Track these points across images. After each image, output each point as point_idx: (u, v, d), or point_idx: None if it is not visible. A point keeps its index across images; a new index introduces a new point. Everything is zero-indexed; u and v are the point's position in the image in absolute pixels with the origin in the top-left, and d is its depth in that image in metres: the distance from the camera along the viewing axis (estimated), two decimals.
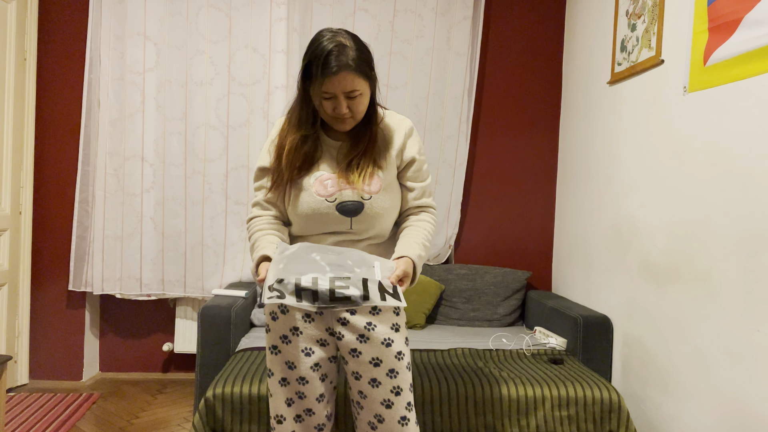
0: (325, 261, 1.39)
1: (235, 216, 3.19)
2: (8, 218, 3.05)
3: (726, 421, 1.84)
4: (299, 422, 1.62)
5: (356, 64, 1.47)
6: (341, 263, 1.39)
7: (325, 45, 1.46)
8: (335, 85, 1.47)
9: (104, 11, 3.10)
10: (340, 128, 1.57)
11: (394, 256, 1.58)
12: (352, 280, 1.38)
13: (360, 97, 1.51)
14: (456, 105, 3.26)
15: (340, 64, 1.45)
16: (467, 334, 2.86)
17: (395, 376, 1.56)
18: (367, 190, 1.55)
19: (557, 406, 2.12)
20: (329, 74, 1.45)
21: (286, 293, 1.39)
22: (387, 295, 1.40)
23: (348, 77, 1.46)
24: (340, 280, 1.37)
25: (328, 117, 1.55)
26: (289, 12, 3.13)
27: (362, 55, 1.50)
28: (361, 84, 1.50)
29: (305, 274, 1.38)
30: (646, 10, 2.40)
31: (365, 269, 1.39)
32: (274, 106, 3.13)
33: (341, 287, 1.38)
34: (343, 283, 1.38)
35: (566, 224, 3.24)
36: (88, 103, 3.12)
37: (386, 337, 1.57)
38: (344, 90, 1.48)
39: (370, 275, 1.39)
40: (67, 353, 3.24)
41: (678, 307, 2.11)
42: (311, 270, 1.38)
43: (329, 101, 1.51)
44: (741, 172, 1.80)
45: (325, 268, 1.38)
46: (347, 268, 1.38)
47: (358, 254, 1.43)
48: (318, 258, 1.39)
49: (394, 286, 1.43)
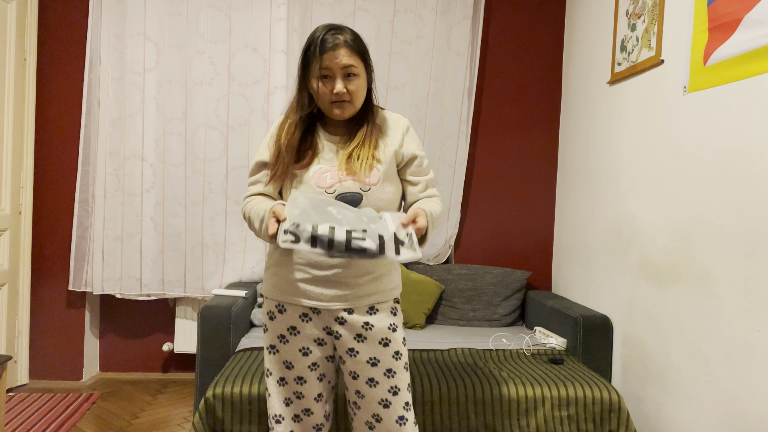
0: (341, 215, 1.37)
1: (235, 216, 3.19)
2: (8, 218, 3.05)
3: (726, 421, 1.84)
4: (297, 422, 1.62)
5: (353, 43, 1.52)
6: (357, 218, 1.37)
7: (322, 29, 1.53)
8: (332, 60, 1.49)
9: (104, 11, 3.10)
10: (339, 115, 1.56)
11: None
12: (369, 233, 1.36)
13: (357, 79, 1.53)
14: (456, 105, 3.26)
15: (337, 41, 1.50)
16: (467, 334, 2.86)
17: (393, 375, 1.56)
18: (367, 182, 1.54)
19: (557, 406, 2.12)
20: (327, 50, 1.49)
21: (302, 239, 1.35)
22: (401, 248, 1.37)
23: (345, 53, 1.50)
24: (357, 232, 1.35)
25: (326, 104, 1.55)
26: (289, 12, 3.13)
27: (358, 39, 1.55)
28: (358, 63, 1.53)
29: (322, 224, 1.36)
30: (646, 10, 2.40)
31: (380, 225, 1.38)
32: (274, 106, 3.13)
33: (357, 238, 1.35)
34: (360, 235, 1.35)
35: (566, 224, 3.24)
36: (88, 103, 3.12)
37: (384, 337, 1.57)
38: (341, 65, 1.50)
39: (385, 231, 1.37)
40: (67, 353, 3.24)
41: (678, 307, 2.11)
42: (328, 221, 1.36)
43: (328, 82, 1.52)
44: (741, 172, 1.80)
45: (342, 221, 1.36)
46: (363, 223, 1.37)
47: (372, 211, 1.41)
48: (334, 212, 1.37)
49: (409, 235, 1.39)
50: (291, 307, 1.58)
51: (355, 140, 1.58)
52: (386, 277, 1.61)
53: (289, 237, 1.36)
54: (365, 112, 1.62)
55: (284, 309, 1.59)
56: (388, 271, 1.62)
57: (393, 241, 1.37)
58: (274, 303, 1.61)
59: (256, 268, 3.20)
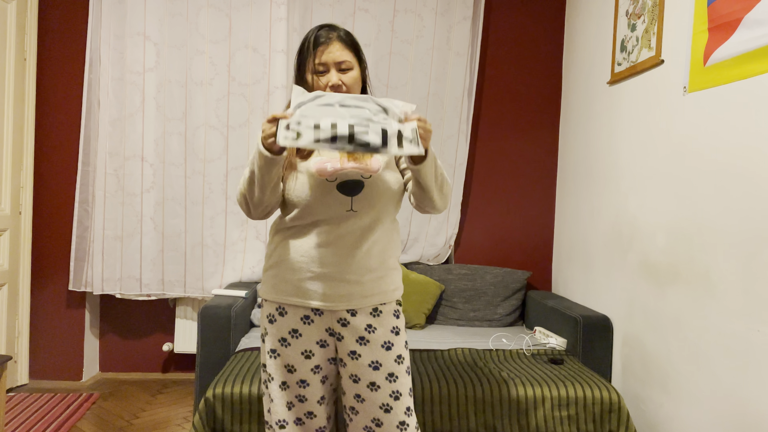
0: (344, 109, 1.35)
1: (235, 216, 3.19)
2: (8, 218, 3.05)
3: (726, 420, 1.84)
4: (300, 425, 1.60)
5: (346, 38, 1.57)
6: (360, 113, 1.35)
7: (316, 27, 1.59)
8: (326, 54, 1.53)
9: (104, 11, 3.10)
10: None
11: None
12: (372, 128, 1.34)
13: (350, 72, 1.56)
14: (456, 105, 3.26)
15: (331, 36, 1.55)
16: (467, 334, 2.86)
17: (395, 380, 1.55)
18: (368, 169, 1.54)
19: (557, 406, 2.12)
20: (321, 44, 1.54)
21: (303, 134, 1.32)
22: (405, 142, 1.35)
23: (338, 47, 1.54)
24: (360, 126, 1.33)
25: None
26: (289, 12, 3.13)
27: (351, 36, 1.60)
28: (351, 57, 1.57)
29: (324, 119, 1.33)
30: (646, 10, 2.40)
31: (383, 118, 1.36)
32: (274, 106, 3.13)
33: (361, 132, 1.32)
34: (363, 129, 1.33)
35: (566, 224, 3.24)
36: (88, 103, 3.12)
37: (386, 340, 1.56)
38: (335, 60, 1.53)
39: (389, 126, 1.35)
40: (67, 353, 3.24)
41: (678, 307, 2.11)
42: (330, 116, 1.34)
43: (322, 77, 1.54)
44: (741, 172, 1.80)
45: (345, 114, 1.34)
46: (366, 116, 1.35)
47: (376, 107, 1.37)
48: (337, 106, 1.35)
49: (413, 130, 1.37)
50: (292, 309, 1.57)
51: None
52: (389, 277, 1.60)
53: (291, 134, 1.33)
54: None
55: (285, 312, 1.57)
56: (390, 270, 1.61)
57: (396, 136, 1.35)
58: (274, 306, 1.59)
59: (256, 268, 3.20)
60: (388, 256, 1.61)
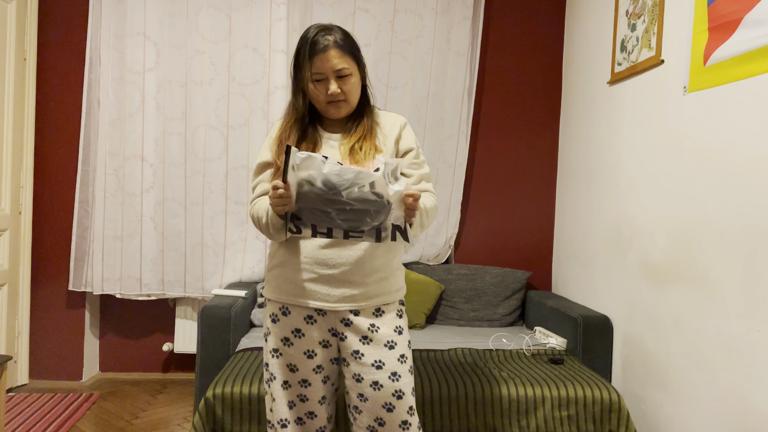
0: (341, 218, 1.38)
1: (235, 216, 3.19)
2: (8, 218, 3.05)
3: (726, 421, 1.84)
4: (300, 425, 1.60)
5: (343, 44, 1.53)
6: (358, 222, 1.38)
7: (312, 31, 1.53)
8: (324, 63, 1.50)
9: (104, 11, 3.10)
10: (335, 114, 1.57)
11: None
12: (366, 232, 1.39)
13: (350, 78, 1.53)
14: (456, 105, 3.26)
15: (328, 43, 1.50)
16: (467, 334, 2.86)
17: (397, 379, 1.55)
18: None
19: (557, 406, 2.12)
20: (318, 52, 1.50)
21: (303, 229, 1.43)
22: (398, 234, 1.41)
23: (336, 55, 1.50)
24: (354, 233, 1.40)
25: (322, 104, 1.56)
26: (289, 12, 3.13)
27: (348, 39, 1.56)
28: (350, 63, 1.53)
29: (320, 224, 1.41)
30: (646, 10, 2.40)
31: (381, 218, 1.38)
32: (274, 106, 3.13)
33: (355, 237, 1.41)
34: (357, 235, 1.41)
35: (566, 224, 3.24)
36: (88, 103, 3.12)
37: (389, 340, 1.56)
38: (333, 68, 1.51)
39: (384, 223, 1.39)
40: (67, 353, 3.24)
41: (678, 307, 2.11)
42: (328, 223, 1.40)
43: (321, 84, 1.53)
44: (741, 172, 1.80)
45: (342, 225, 1.39)
46: (364, 224, 1.38)
47: (375, 204, 1.36)
48: (334, 215, 1.38)
49: (405, 226, 1.42)
50: (295, 309, 1.57)
51: (356, 133, 1.59)
52: (393, 278, 1.61)
53: (293, 227, 1.43)
54: (362, 109, 1.63)
55: (288, 311, 1.58)
56: (394, 271, 1.61)
57: (390, 231, 1.40)
58: (277, 305, 1.59)
59: (256, 268, 3.20)
60: (391, 258, 1.61)
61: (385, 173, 1.37)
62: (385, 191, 1.36)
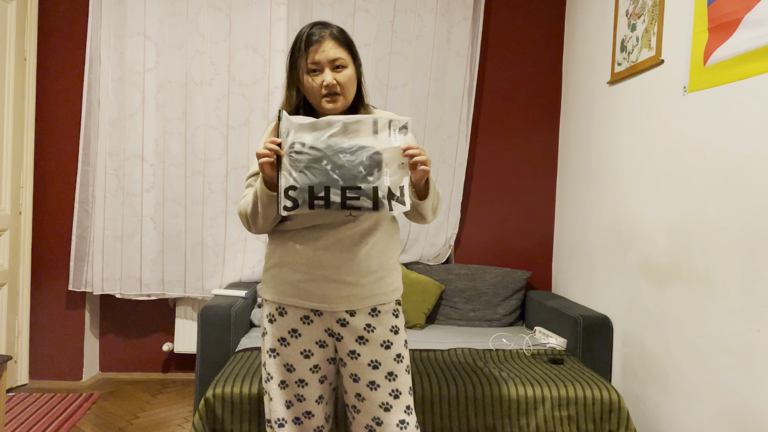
0: (336, 172, 1.38)
1: (235, 216, 3.19)
2: (8, 218, 3.05)
3: (726, 421, 1.84)
4: (298, 425, 1.60)
5: (339, 36, 1.53)
6: (354, 172, 1.37)
7: (308, 26, 1.54)
8: (319, 53, 1.49)
9: (104, 11, 3.10)
10: (331, 109, 1.54)
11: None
12: (364, 191, 1.38)
13: (345, 70, 1.52)
14: (456, 105, 3.26)
15: (323, 34, 1.50)
16: (467, 334, 2.86)
17: (394, 378, 1.55)
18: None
19: (557, 406, 2.12)
20: (313, 43, 1.49)
21: (300, 202, 1.40)
22: (393, 202, 1.40)
23: (332, 45, 1.50)
24: (352, 191, 1.38)
25: (317, 98, 1.53)
26: (289, 12, 3.13)
27: (344, 33, 1.56)
28: (345, 55, 1.52)
29: (317, 184, 1.39)
30: (646, 10, 2.40)
31: (376, 175, 1.38)
32: (274, 106, 3.13)
33: (352, 198, 1.38)
34: (354, 194, 1.38)
35: (566, 224, 3.24)
36: (88, 103, 3.12)
37: (385, 339, 1.56)
38: (329, 58, 1.49)
39: (381, 183, 1.38)
40: (67, 353, 3.24)
41: (678, 307, 2.11)
42: (324, 180, 1.38)
43: (317, 76, 1.51)
44: (741, 172, 1.80)
45: (338, 181, 1.38)
46: (359, 178, 1.37)
47: (371, 157, 1.38)
48: (329, 168, 1.38)
49: (402, 187, 1.41)
50: (292, 310, 1.57)
51: None
52: (389, 278, 1.60)
53: (288, 203, 1.40)
54: (356, 106, 1.60)
55: (285, 311, 1.58)
56: (390, 271, 1.61)
57: (387, 197, 1.39)
58: (274, 305, 1.59)
59: (256, 268, 3.20)
60: (387, 258, 1.61)
61: (379, 124, 1.38)
62: (370, 139, 1.37)
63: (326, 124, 1.39)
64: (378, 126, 1.39)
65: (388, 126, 1.40)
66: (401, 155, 1.40)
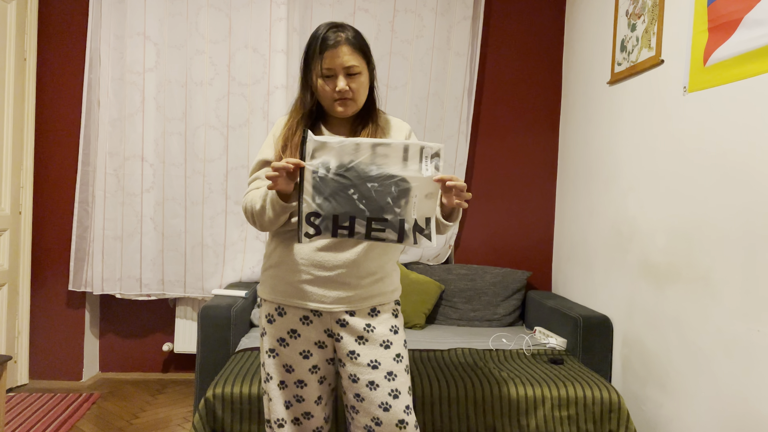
0: (363, 202, 1.32)
1: (235, 216, 3.19)
2: (8, 218, 3.05)
3: (726, 421, 1.84)
4: (297, 425, 1.60)
5: (355, 41, 1.52)
6: (381, 203, 1.32)
7: (324, 27, 1.52)
8: (335, 59, 1.49)
9: (104, 11, 3.10)
10: (342, 113, 1.55)
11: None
12: (390, 222, 1.33)
13: (359, 77, 1.52)
14: (456, 105, 3.26)
15: (339, 39, 1.49)
16: (467, 334, 2.86)
17: (393, 378, 1.55)
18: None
19: (557, 406, 2.12)
20: (329, 48, 1.48)
21: (322, 229, 1.36)
22: (419, 235, 1.35)
23: (347, 51, 1.49)
24: (378, 222, 1.33)
25: (329, 102, 1.54)
26: (289, 12, 3.13)
27: (360, 37, 1.54)
28: (360, 61, 1.52)
29: (342, 213, 1.33)
30: (646, 10, 2.40)
31: (404, 206, 1.33)
32: (274, 106, 3.13)
33: (377, 230, 1.34)
34: (380, 226, 1.33)
35: (566, 224, 3.24)
36: (88, 103, 3.12)
37: (385, 339, 1.56)
38: (344, 65, 1.49)
39: (407, 215, 1.33)
40: (66, 353, 3.24)
41: (678, 307, 2.11)
42: (350, 210, 1.33)
43: (330, 81, 1.51)
44: (741, 172, 1.80)
45: (365, 212, 1.33)
46: (387, 209, 1.32)
47: (399, 188, 1.33)
48: (356, 197, 1.32)
49: (428, 220, 1.36)
50: (291, 310, 1.57)
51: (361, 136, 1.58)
52: (388, 279, 1.60)
53: (310, 230, 1.36)
54: (368, 110, 1.61)
55: (284, 312, 1.57)
56: (389, 272, 1.61)
57: (412, 230, 1.34)
58: (273, 306, 1.59)
59: (256, 268, 3.20)
60: (387, 260, 1.61)
61: (410, 151, 1.31)
62: (399, 167, 1.31)
63: (353, 147, 1.32)
64: (409, 153, 1.33)
65: (419, 153, 1.33)
66: (431, 184, 1.34)
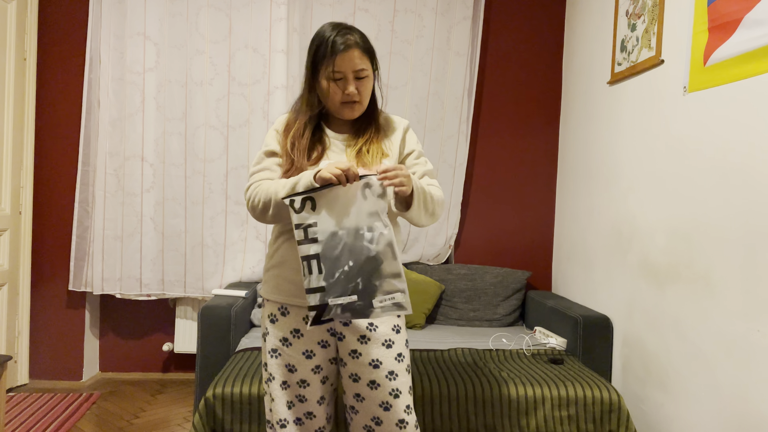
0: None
1: (235, 216, 3.19)
2: (8, 218, 3.05)
3: (726, 421, 1.84)
4: (299, 425, 1.60)
5: (363, 44, 1.54)
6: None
7: (332, 29, 1.53)
8: (345, 62, 1.50)
9: (104, 11, 3.10)
10: (347, 115, 1.57)
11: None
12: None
13: (366, 80, 1.55)
14: (456, 105, 3.26)
15: (349, 43, 1.51)
16: (467, 334, 2.86)
17: (395, 378, 1.55)
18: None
19: (557, 406, 2.12)
20: (339, 52, 1.50)
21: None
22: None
23: (357, 55, 1.51)
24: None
25: (336, 104, 1.56)
26: (289, 12, 3.13)
27: (366, 40, 1.57)
28: (368, 64, 1.55)
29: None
30: (646, 10, 2.40)
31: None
32: (274, 106, 3.13)
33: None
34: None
35: (566, 224, 3.24)
36: (88, 103, 3.12)
37: (387, 338, 1.56)
38: (354, 68, 1.51)
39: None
40: (67, 353, 3.24)
41: (678, 307, 2.11)
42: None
43: (338, 83, 1.53)
44: (741, 172, 1.80)
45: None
46: (352, 285, 1.40)
47: (369, 263, 1.39)
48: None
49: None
50: (294, 309, 1.57)
51: (364, 136, 1.61)
52: None
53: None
54: (370, 111, 1.64)
55: (287, 311, 1.58)
56: None
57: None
58: (276, 305, 1.59)
59: (256, 268, 3.20)
60: None
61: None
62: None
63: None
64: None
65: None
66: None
